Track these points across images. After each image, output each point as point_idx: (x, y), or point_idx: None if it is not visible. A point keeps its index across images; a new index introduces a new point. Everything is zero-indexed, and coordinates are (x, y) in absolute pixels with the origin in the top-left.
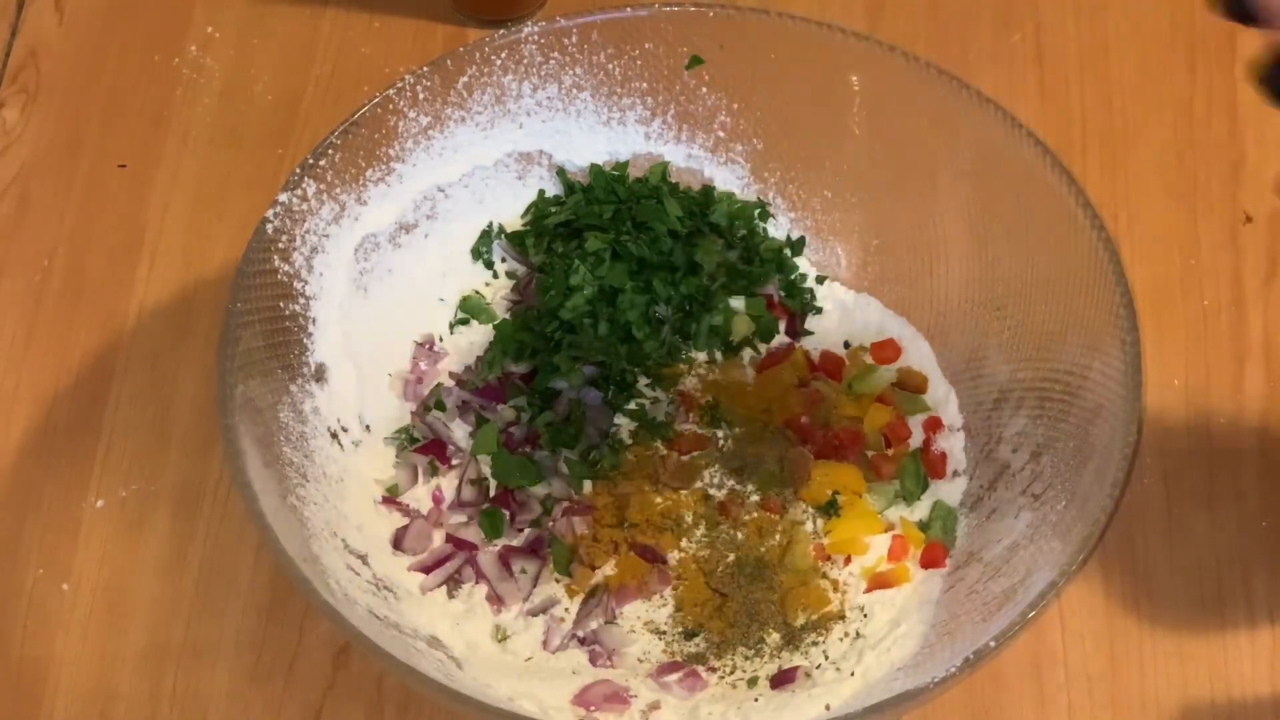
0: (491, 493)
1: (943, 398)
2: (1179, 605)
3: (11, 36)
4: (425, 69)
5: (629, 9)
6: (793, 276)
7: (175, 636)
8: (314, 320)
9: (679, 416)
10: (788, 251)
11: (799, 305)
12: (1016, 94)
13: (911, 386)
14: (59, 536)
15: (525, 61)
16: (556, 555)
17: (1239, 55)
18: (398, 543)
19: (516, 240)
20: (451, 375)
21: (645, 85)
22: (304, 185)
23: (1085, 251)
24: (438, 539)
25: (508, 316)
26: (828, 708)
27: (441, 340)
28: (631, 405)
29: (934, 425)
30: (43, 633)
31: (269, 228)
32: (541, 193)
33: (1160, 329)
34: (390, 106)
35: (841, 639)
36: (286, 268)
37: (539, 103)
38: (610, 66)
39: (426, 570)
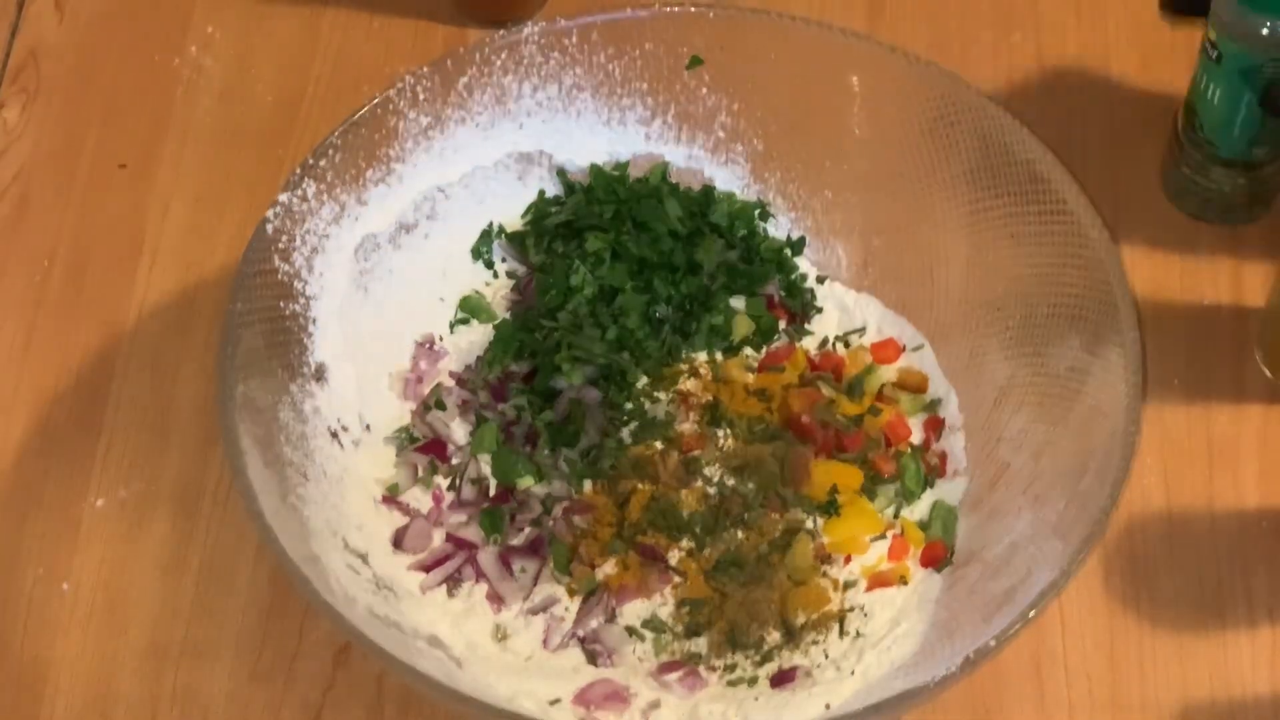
0: (491, 492)
1: (943, 398)
2: (1179, 605)
3: (11, 36)
4: (425, 69)
5: (629, 9)
6: (793, 276)
7: (175, 636)
8: (314, 320)
9: (679, 416)
10: (788, 251)
11: (799, 305)
12: (1016, 94)
13: (911, 386)
14: (59, 536)
15: (525, 62)
16: (556, 555)
17: None
18: (398, 542)
19: (516, 240)
20: (451, 375)
21: (645, 86)
22: (304, 185)
23: (1085, 251)
24: (438, 538)
25: (508, 316)
26: (828, 707)
27: (441, 340)
28: (631, 405)
29: (934, 425)
30: (43, 633)
31: (269, 228)
32: (541, 193)
33: (1160, 329)
34: (390, 107)
35: (841, 638)
36: (286, 268)
37: (539, 103)
38: (610, 67)
39: (426, 569)
